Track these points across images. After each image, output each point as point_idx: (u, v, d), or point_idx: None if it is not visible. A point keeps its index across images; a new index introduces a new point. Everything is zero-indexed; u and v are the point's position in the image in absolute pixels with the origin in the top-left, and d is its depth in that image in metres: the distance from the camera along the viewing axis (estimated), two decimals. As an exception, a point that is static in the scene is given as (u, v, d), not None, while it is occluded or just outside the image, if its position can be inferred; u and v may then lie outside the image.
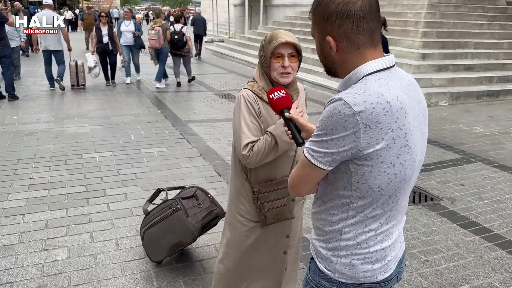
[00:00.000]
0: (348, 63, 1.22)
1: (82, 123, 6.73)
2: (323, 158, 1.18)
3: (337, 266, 1.30)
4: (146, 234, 2.97)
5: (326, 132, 1.15)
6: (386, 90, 1.14)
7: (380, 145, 1.13)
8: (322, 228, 1.33)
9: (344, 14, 1.17)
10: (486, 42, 10.73)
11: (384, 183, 1.19)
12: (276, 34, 1.93)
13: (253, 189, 2.06)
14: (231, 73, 12.82)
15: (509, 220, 3.71)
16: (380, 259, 1.29)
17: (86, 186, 4.33)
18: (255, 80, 2.03)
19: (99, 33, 9.64)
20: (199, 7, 26.57)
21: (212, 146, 5.70)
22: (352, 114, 1.10)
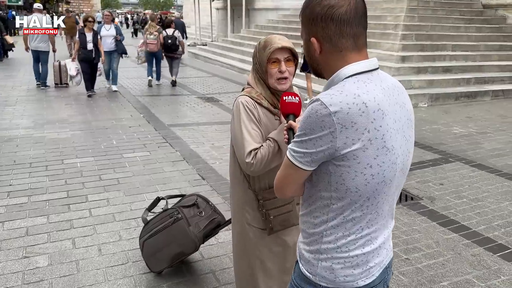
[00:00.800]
0: (331, 65, 1.25)
1: (62, 128, 6.65)
2: (303, 158, 1.20)
3: (317, 269, 1.30)
4: (146, 244, 2.90)
5: (305, 132, 1.17)
6: (364, 91, 1.16)
7: (356, 145, 1.14)
8: (306, 231, 1.34)
9: (328, 17, 1.19)
10: (463, 44, 10.97)
11: (361, 184, 1.20)
12: (270, 39, 1.91)
13: (257, 197, 2.02)
14: (214, 76, 12.82)
15: (487, 218, 3.81)
16: (361, 264, 1.28)
17: (67, 192, 4.28)
18: (251, 86, 1.99)
19: (83, 39, 8.95)
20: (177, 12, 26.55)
21: (195, 150, 5.70)
22: (328, 114, 1.13)
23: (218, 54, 16.42)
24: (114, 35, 9.64)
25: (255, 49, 1.97)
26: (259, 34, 16.12)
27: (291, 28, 14.57)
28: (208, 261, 3.16)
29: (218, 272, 3.02)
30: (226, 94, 9.94)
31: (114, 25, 9.85)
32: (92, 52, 9.03)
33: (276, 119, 1.97)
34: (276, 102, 1.96)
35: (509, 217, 3.82)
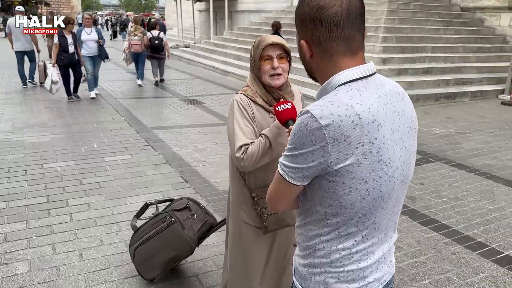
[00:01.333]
0: (323, 70, 1.17)
1: (42, 132, 6.53)
2: (294, 173, 1.13)
3: (311, 284, 1.24)
4: (138, 252, 2.84)
5: (295, 146, 1.10)
6: (357, 101, 1.08)
7: (350, 160, 1.07)
8: (301, 243, 1.28)
9: (317, 19, 1.11)
10: (442, 46, 11.18)
11: (356, 200, 1.12)
12: (263, 37, 1.97)
13: (252, 195, 2.04)
14: (197, 78, 12.77)
15: (466, 217, 3.88)
16: (357, 279, 1.21)
17: (47, 196, 4.21)
18: (249, 85, 2.04)
19: (64, 42, 8.41)
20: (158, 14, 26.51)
21: (178, 153, 5.66)
22: (319, 127, 1.05)
23: (201, 56, 16.37)
24: (96, 39, 9.05)
25: (250, 50, 2.03)
26: (242, 36, 16.14)
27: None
28: (191, 264, 3.14)
29: (202, 275, 3.01)
30: (209, 96, 9.91)
31: (95, 28, 9.32)
32: (75, 55, 8.60)
33: (271, 117, 2.00)
34: (271, 99, 2.00)
35: (487, 216, 3.90)
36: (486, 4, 12.40)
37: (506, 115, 7.99)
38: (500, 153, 5.72)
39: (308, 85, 9.85)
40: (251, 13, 19.97)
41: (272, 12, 17.64)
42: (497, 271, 3.06)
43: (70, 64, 8.63)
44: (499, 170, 5.07)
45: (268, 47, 1.92)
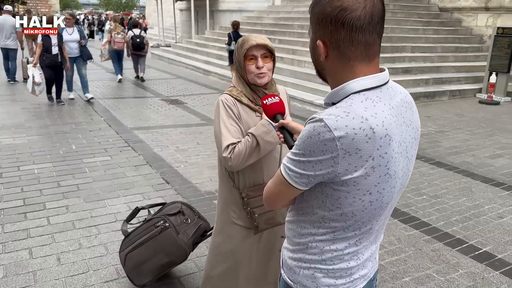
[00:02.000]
0: (337, 74, 1.13)
1: (18, 133, 6.37)
2: (299, 178, 1.12)
3: (299, 277, 1.26)
4: (129, 257, 2.76)
5: (304, 153, 1.08)
6: (372, 113, 1.05)
7: (358, 172, 1.06)
8: (291, 238, 1.29)
9: (339, 21, 1.05)
10: (421, 46, 11.35)
11: (359, 210, 1.14)
12: (247, 37, 1.96)
13: (242, 195, 2.03)
14: (179, 78, 12.67)
15: (445, 214, 3.94)
16: (344, 276, 1.24)
17: (23, 200, 4.10)
18: (234, 85, 2.04)
19: (47, 42, 7.97)
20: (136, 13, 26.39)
21: (159, 153, 5.60)
22: (332, 139, 1.03)
23: (183, 56, 16.25)
24: (77, 40, 8.70)
25: (235, 49, 2.02)
26: (224, 36, 16.06)
27: (255, 30, 14.61)
28: (173, 266, 3.10)
29: (183, 277, 2.97)
30: (190, 96, 9.84)
31: (77, 28, 8.91)
32: (58, 57, 8.14)
33: (257, 116, 2.00)
34: (256, 98, 2.00)
35: (466, 213, 3.96)
36: (464, 4, 12.64)
37: (484, 114, 8.15)
38: (478, 151, 5.82)
39: (290, 84, 9.88)
40: (232, 12, 19.92)
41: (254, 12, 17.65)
42: (476, 267, 3.11)
43: (52, 66, 8.14)
44: (477, 167, 5.16)
45: (252, 47, 1.92)
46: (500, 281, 2.95)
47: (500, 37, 9.40)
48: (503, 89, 9.38)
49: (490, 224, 3.76)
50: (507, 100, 9.41)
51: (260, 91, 2.00)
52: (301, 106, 8.72)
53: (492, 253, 3.29)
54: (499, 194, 4.39)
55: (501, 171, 5.05)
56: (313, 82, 9.83)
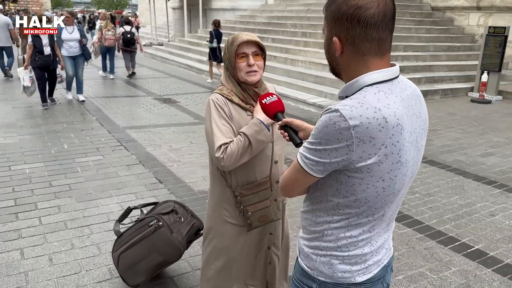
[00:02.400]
0: (351, 68, 1.20)
1: (9, 133, 6.30)
2: (315, 166, 1.18)
3: (316, 264, 1.32)
4: (123, 257, 2.73)
5: (320, 141, 1.15)
6: (385, 104, 1.13)
7: (372, 160, 1.13)
8: (307, 227, 1.36)
9: (355, 19, 1.13)
10: (414, 45, 11.40)
11: (372, 196, 1.20)
12: (237, 35, 1.95)
13: (235, 193, 2.03)
14: (172, 77, 12.62)
15: (438, 212, 3.96)
16: (359, 262, 1.30)
17: (15, 200, 4.06)
18: (224, 84, 2.02)
19: (38, 42, 7.61)
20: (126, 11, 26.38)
21: (152, 153, 5.57)
22: (347, 127, 1.10)
23: (175, 54, 16.19)
24: (78, 39, 8.38)
25: (224, 48, 2.01)
26: (217, 34, 16.03)
27: (248, 28, 14.60)
28: (166, 266, 3.08)
29: (177, 277, 2.96)
30: (184, 95, 9.81)
31: (77, 27, 8.58)
32: (50, 57, 7.79)
33: (248, 115, 1.99)
34: (247, 97, 1.99)
35: (458, 211, 3.99)
36: (455, 4, 12.72)
37: (475, 112, 8.21)
38: (470, 149, 5.86)
39: (283, 83, 9.88)
40: (225, 11, 19.89)
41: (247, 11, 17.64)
42: (468, 265, 3.13)
43: (44, 66, 7.81)
44: (469, 166, 5.20)
45: (243, 45, 1.91)
46: (492, 278, 2.97)
47: (491, 36, 9.46)
48: (494, 88, 9.45)
49: (482, 222, 3.78)
50: (498, 98, 9.49)
51: (250, 89, 2.00)
52: (295, 105, 8.73)
53: (484, 251, 3.31)
54: (491, 192, 4.42)
55: (492, 169, 5.09)
56: (306, 81, 9.84)
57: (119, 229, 2.89)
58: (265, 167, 2.04)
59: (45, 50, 7.70)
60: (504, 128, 7.04)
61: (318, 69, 10.15)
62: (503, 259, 3.21)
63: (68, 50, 8.32)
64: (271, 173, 2.06)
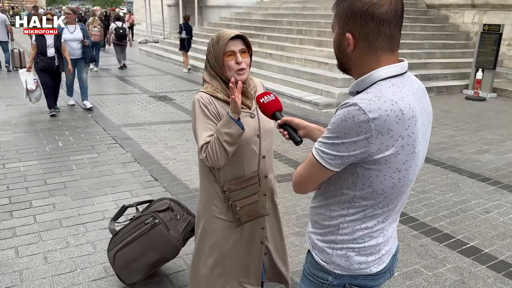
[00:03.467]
0: (363, 64, 1.23)
1: (4, 130, 6.26)
2: (333, 160, 1.20)
3: (332, 257, 1.35)
4: (119, 256, 2.73)
5: (338, 135, 1.17)
6: (400, 97, 1.17)
7: (390, 151, 1.17)
8: (320, 222, 1.38)
9: (369, 15, 1.17)
10: (409, 42, 11.41)
11: (388, 187, 1.24)
12: (222, 33, 1.93)
13: (223, 189, 2.03)
14: (167, 74, 12.58)
15: (433, 209, 3.97)
16: (374, 253, 1.34)
17: (9, 198, 4.04)
18: (207, 81, 2.01)
19: (41, 43, 6.91)
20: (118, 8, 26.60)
21: (147, 150, 5.55)
22: (366, 120, 1.13)
23: (171, 52, 16.13)
24: (80, 39, 7.60)
25: (208, 46, 1.98)
26: (212, 32, 15.99)
27: (244, 26, 14.58)
28: (162, 264, 3.08)
29: (172, 275, 2.96)
30: (179, 92, 9.78)
31: (80, 26, 7.75)
32: (55, 59, 7.06)
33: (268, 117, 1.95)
34: None
35: (453, 208, 4.01)
36: (450, 1, 12.74)
37: (470, 110, 8.24)
38: (465, 146, 5.89)
39: (279, 81, 9.87)
40: (221, 8, 19.83)
41: (242, 8, 17.59)
42: (463, 261, 3.14)
43: (47, 70, 7.07)
44: (464, 163, 5.22)
45: (230, 43, 1.89)
46: (487, 275, 2.99)
47: (486, 33, 9.50)
48: (489, 85, 9.49)
49: (476, 219, 3.80)
50: (493, 96, 9.53)
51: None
52: (290, 102, 8.72)
53: (479, 248, 3.33)
54: (486, 189, 4.44)
55: (487, 166, 5.11)
56: (301, 78, 9.84)
57: (115, 228, 2.88)
58: (253, 162, 2.04)
59: (48, 52, 6.99)
60: (499, 125, 7.08)
61: (314, 67, 10.15)
62: (498, 255, 3.23)
63: (69, 51, 7.49)
64: (259, 168, 2.06)
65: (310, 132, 1.61)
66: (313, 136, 1.62)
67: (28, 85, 7.07)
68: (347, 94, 7.76)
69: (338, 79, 8.90)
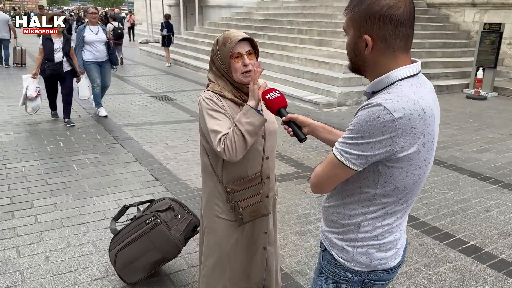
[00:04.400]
0: (380, 65, 1.26)
1: (5, 131, 6.28)
2: (357, 160, 1.22)
3: (353, 255, 1.37)
4: (120, 256, 2.74)
5: (363, 135, 1.19)
6: (420, 96, 1.20)
7: (412, 149, 1.20)
8: (338, 221, 1.40)
9: (387, 17, 1.20)
10: (410, 41, 11.40)
11: (410, 184, 1.28)
12: (228, 34, 1.91)
13: (226, 189, 2.03)
14: (168, 74, 12.59)
15: (433, 208, 3.98)
16: (392, 248, 1.38)
17: (11, 198, 4.05)
18: (213, 80, 1.99)
19: (49, 46, 6.20)
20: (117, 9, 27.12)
21: (148, 150, 5.56)
22: (392, 120, 1.15)
23: (172, 52, 16.13)
24: (105, 40, 7.04)
25: (214, 47, 1.96)
26: (213, 31, 16.02)
27: (244, 25, 14.58)
28: (163, 263, 3.09)
29: (173, 274, 2.96)
30: (180, 92, 9.79)
31: (102, 27, 7.17)
32: (62, 65, 6.35)
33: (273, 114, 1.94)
34: (241, 95, 1.97)
35: (454, 207, 4.01)
36: (451, 0, 12.73)
37: (471, 109, 8.24)
38: (466, 145, 5.89)
39: (279, 80, 9.88)
40: (221, 8, 19.84)
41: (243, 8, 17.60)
42: (463, 260, 3.15)
43: (53, 77, 6.46)
44: (464, 162, 5.22)
45: (237, 45, 1.88)
46: (487, 274, 2.99)
47: (487, 32, 9.49)
48: (489, 84, 9.49)
49: (477, 218, 3.81)
50: (493, 95, 9.53)
51: (244, 88, 1.97)
52: (291, 102, 8.73)
53: (480, 247, 3.33)
54: (486, 188, 4.44)
55: (488, 165, 5.11)
56: (302, 78, 9.84)
57: (116, 227, 2.89)
58: (256, 163, 2.04)
59: (55, 57, 6.28)
60: (499, 124, 7.08)
61: (314, 66, 10.14)
62: (498, 254, 3.23)
63: (94, 54, 6.90)
64: (262, 168, 2.06)
65: (314, 130, 1.62)
66: (318, 134, 1.64)
67: (28, 91, 6.38)
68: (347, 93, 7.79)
69: (339, 78, 8.90)
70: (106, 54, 7.09)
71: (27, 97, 6.41)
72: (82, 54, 6.88)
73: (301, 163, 5.14)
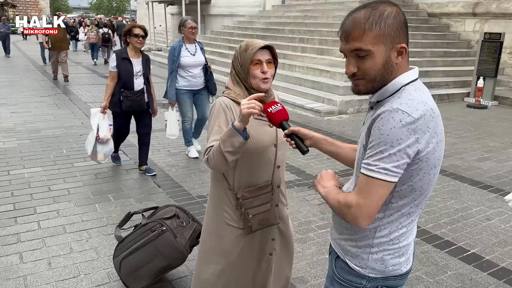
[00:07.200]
0: (393, 72, 1.27)
1: (8, 137, 6.32)
2: (397, 170, 1.21)
3: (368, 262, 1.37)
4: (125, 262, 2.75)
5: (392, 144, 1.18)
6: (426, 98, 1.24)
7: (429, 148, 1.23)
8: (353, 228, 1.38)
9: (407, 24, 1.27)
10: (410, 51, 11.24)
11: (426, 183, 1.29)
12: (251, 41, 1.98)
13: (236, 196, 2.04)
14: (170, 82, 12.62)
15: (434, 216, 3.99)
16: (405, 253, 1.38)
17: (14, 204, 4.08)
18: (230, 88, 2.04)
19: (128, 70, 4.58)
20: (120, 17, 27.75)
21: (151, 157, 5.57)
22: (413, 121, 1.18)
23: (174, 60, 16.20)
24: (203, 63, 5.39)
25: (235, 53, 2.02)
26: (215, 40, 16.12)
27: (246, 34, 14.68)
28: (164, 270, 3.10)
29: (175, 281, 2.98)
30: (182, 100, 9.81)
31: (200, 45, 5.57)
32: (143, 95, 4.78)
33: (255, 118, 1.99)
34: None
35: (454, 215, 4.02)
36: (452, 10, 12.81)
37: (471, 117, 8.27)
38: (466, 154, 5.91)
39: (281, 89, 9.93)
40: (224, 17, 19.98)
41: (245, 16, 17.72)
42: (464, 268, 3.15)
43: (135, 111, 4.84)
44: (465, 170, 5.24)
45: (258, 52, 1.93)
46: (488, 282, 3.00)
47: (487, 42, 9.55)
48: (490, 93, 9.53)
49: (478, 226, 3.82)
50: (494, 104, 9.56)
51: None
52: (292, 110, 8.76)
53: (480, 255, 3.34)
54: (487, 197, 4.46)
55: (488, 174, 5.13)
56: (303, 86, 9.90)
57: (121, 234, 2.90)
58: (267, 171, 2.06)
59: (135, 83, 4.66)
60: (500, 133, 7.10)
61: (316, 75, 10.20)
62: (499, 262, 3.24)
63: (190, 81, 5.34)
64: (273, 177, 2.08)
65: (317, 142, 1.64)
66: (320, 146, 1.65)
67: (101, 133, 4.72)
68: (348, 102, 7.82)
69: (340, 87, 8.95)
70: (203, 81, 5.44)
71: (99, 140, 4.74)
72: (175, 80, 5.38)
73: (302, 171, 5.17)
